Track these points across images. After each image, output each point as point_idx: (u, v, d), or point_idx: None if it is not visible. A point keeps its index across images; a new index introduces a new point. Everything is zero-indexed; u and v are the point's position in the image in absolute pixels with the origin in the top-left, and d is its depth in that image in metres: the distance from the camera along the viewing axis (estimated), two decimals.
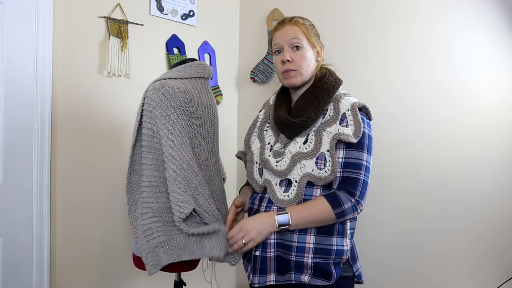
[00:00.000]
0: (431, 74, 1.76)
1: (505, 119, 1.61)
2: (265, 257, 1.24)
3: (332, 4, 2.03)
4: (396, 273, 1.86)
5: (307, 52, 1.28)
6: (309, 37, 1.29)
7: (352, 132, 1.19)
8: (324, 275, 1.19)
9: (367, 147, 1.22)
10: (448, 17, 1.72)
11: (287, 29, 1.28)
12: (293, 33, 1.27)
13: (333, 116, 1.23)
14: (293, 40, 1.27)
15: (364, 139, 1.21)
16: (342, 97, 1.26)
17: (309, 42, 1.29)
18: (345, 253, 1.21)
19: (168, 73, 1.37)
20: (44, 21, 1.60)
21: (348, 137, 1.18)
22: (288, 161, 1.23)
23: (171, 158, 1.25)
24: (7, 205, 1.55)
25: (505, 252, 1.61)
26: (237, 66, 2.43)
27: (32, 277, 1.62)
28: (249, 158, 1.38)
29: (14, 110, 1.55)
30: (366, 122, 1.24)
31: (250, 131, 1.44)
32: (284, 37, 1.28)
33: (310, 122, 1.24)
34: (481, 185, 1.65)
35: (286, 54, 1.27)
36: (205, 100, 1.35)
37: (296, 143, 1.25)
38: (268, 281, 1.24)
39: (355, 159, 1.20)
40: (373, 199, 1.85)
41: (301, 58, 1.27)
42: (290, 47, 1.28)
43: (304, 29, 1.28)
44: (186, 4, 2.11)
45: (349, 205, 1.18)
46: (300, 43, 1.27)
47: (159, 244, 1.31)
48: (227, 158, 2.40)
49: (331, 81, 1.28)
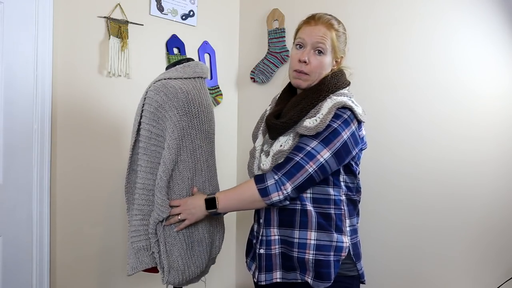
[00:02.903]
0: (431, 74, 1.76)
1: (505, 119, 1.61)
2: (270, 254, 1.25)
3: (332, 4, 2.03)
4: (396, 272, 1.86)
5: (327, 59, 1.25)
6: (335, 46, 1.25)
7: (314, 125, 1.16)
8: (325, 276, 1.19)
9: (322, 138, 1.15)
10: (448, 17, 1.72)
11: (319, 29, 1.24)
12: (321, 36, 1.23)
13: (313, 113, 1.21)
14: (319, 44, 1.23)
15: (325, 130, 1.15)
16: (332, 97, 1.22)
17: (333, 50, 1.25)
18: (344, 250, 1.22)
19: (168, 73, 1.36)
20: (44, 21, 1.60)
21: (304, 129, 1.16)
22: (270, 160, 1.23)
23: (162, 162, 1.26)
24: (7, 205, 1.54)
25: (505, 252, 1.61)
26: (237, 66, 2.43)
27: (32, 277, 1.62)
28: (251, 152, 1.39)
29: (14, 110, 1.54)
30: (344, 119, 1.17)
31: (258, 125, 1.45)
32: (312, 35, 1.24)
33: (291, 124, 1.22)
34: (481, 185, 1.66)
35: (306, 54, 1.24)
36: (204, 101, 1.35)
37: (278, 142, 1.25)
38: (275, 278, 1.25)
39: (301, 143, 1.17)
40: (373, 199, 1.85)
41: (318, 65, 1.24)
42: (313, 49, 1.24)
43: (334, 36, 1.24)
44: (186, 4, 2.11)
45: (272, 182, 1.16)
46: (325, 49, 1.23)
47: (143, 247, 1.30)
48: (227, 158, 2.40)
49: (330, 83, 1.24)
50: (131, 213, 1.35)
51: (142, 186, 1.30)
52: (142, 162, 1.30)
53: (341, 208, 1.24)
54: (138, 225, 1.31)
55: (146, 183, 1.30)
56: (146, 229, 1.30)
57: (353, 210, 1.29)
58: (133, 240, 1.31)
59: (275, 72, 2.24)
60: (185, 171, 1.30)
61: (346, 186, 1.26)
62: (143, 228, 1.30)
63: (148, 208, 1.30)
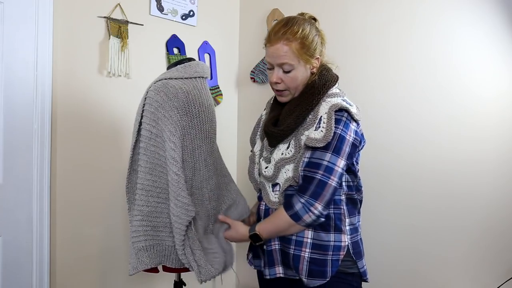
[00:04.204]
0: (431, 73, 1.76)
1: (505, 119, 1.61)
2: (270, 250, 1.29)
3: (332, 4, 2.03)
4: (396, 272, 1.86)
5: (299, 72, 1.23)
6: (302, 54, 1.21)
7: (321, 136, 1.16)
8: (318, 274, 1.21)
9: (333, 148, 1.16)
10: (447, 17, 1.72)
11: (278, 49, 1.20)
12: (283, 54, 1.20)
13: (311, 119, 1.22)
14: (283, 65, 1.21)
15: (333, 139, 1.16)
16: (325, 99, 1.23)
17: (302, 59, 1.21)
18: (343, 249, 1.23)
19: (168, 73, 1.36)
20: (44, 21, 1.60)
21: (314, 141, 1.17)
22: (273, 167, 1.27)
23: (172, 161, 1.24)
24: (7, 205, 1.54)
25: (505, 252, 1.61)
26: (237, 66, 2.43)
27: (32, 277, 1.62)
28: (251, 157, 1.42)
29: (14, 110, 1.54)
30: (344, 122, 1.18)
31: (255, 130, 1.47)
32: (274, 58, 1.22)
33: (289, 131, 1.24)
34: (481, 185, 1.66)
35: (275, 75, 1.24)
36: (205, 100, 1.35)
37: (279, 149, 1.27)
38: (278, 273, 1.29)
39: (316, 158, 1.18)
40: (373, 199, 1.85)
41: (291, 80, 1.23)
42: (280, 68, 1.23)
43: (296, 48, 1.19)
44: (186, 4, 2.11)
45: (299, 206, 1.17)
46: (291, 65, 1.21)
47: (143, 247, 1.30)
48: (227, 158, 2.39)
49: (319, 85, 1.24)
50: (132, 213, 1.36)
51: (141, 187, 1.30)
52: (142, 163, 1.30)
53: (341, 207, 1.25)
54: (138, 226, 1.30)
55: (145, 184, 1.30)
56: (146, 230, 1.30)
57: (353, 209, 1.29)
58: (134, 240, 1.31)
59: None
60: (187, 170, 1.30)
61: (347, 186, 1.26)
62: (143, 229, 1.30)
63: (148, 209, 1.29)
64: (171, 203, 1.26)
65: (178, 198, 1.24)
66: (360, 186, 1.31)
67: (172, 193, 1.25)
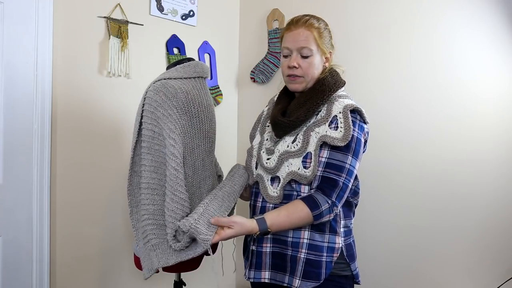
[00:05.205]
0: (431, 74, 1.76)
1: (505, 119, 1.61)
2: (260, 252, 1.26)
3: (332, 4, 2.03)
4: (396, 272, 1.86)
5: (316, 59, 1.26)
6: (320, 43, 1.26)
7: (341, 135, 1.17)
8: (313, 275, 1.20)
9: (353, 151, 1.19)
10: (448, 17, 1.72)
11: (299, 33, 1.25)
12: (304, 39, 1.24)
13: (323, 117, 1.22)
14: (303, 48, 1.25)
15: (352, 142, 1.19)
16: (337, 99, 1.24)
17: (319, 49, 1.26)
18: (336, 250, 1.22)
19: (168, 73, 1.36)
20: (44, 21, 1.60)
21: (334, 140, 1.17)
22: (276, 159, 1.25)
23: (172, 156, 1.24)
24: (7, 205, 1.54)
25: (505, 252, 1.61)
26: (237, 66, 2.43)
27: (32, 277, 1.62)
28: (249, 151, 1.41)
29: (14, 110, 1.54)
30: (358, 124, 1.21)
31: (255, 126, 1.47)
32: (294, 42, 1.26)
33: (298, 122, 1.24)
34: (481, 185, 1.66)
35: (294, 60, 1.26)
36: (204, 100, 1.35)
37: (285, 142, 1.26)
38: (263, 278, 1.25)
39: (338, 161, 1.18)
40: (373, 198, 1.86)
41: (309, 66, 1.26)
42: (299, 54, 1.26)
43: (316, 34, 1.25)
44: (186, 4, 2.11)
45: (326, 206, 1.17)
46: (310, 50, 1.25)
47: (152, 247, 1.30)
48: (227, 158, 2.40)
49: (330, 83, 1.26)
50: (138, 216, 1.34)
51: (146, 186, 1.30)
52: (146, 162, 1.30)
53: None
54: (145, 225, 1.30)
55: (150, 183, 1.29)
56: (152, 229, 1.29)
57: (348, 211, 1.29)
58: (144, 241, 1.30)
59: (275, 72, 2.24)
60: (187, 168, 1.30)
61: None
62: (149, 228, 1.29)
63: (153, 208, 1.29)
64: (167, 198, 1.25)
65: (175, 193, 1.23)
66: (357, 190, 1.31)
67: (169, 188, 1.24)
